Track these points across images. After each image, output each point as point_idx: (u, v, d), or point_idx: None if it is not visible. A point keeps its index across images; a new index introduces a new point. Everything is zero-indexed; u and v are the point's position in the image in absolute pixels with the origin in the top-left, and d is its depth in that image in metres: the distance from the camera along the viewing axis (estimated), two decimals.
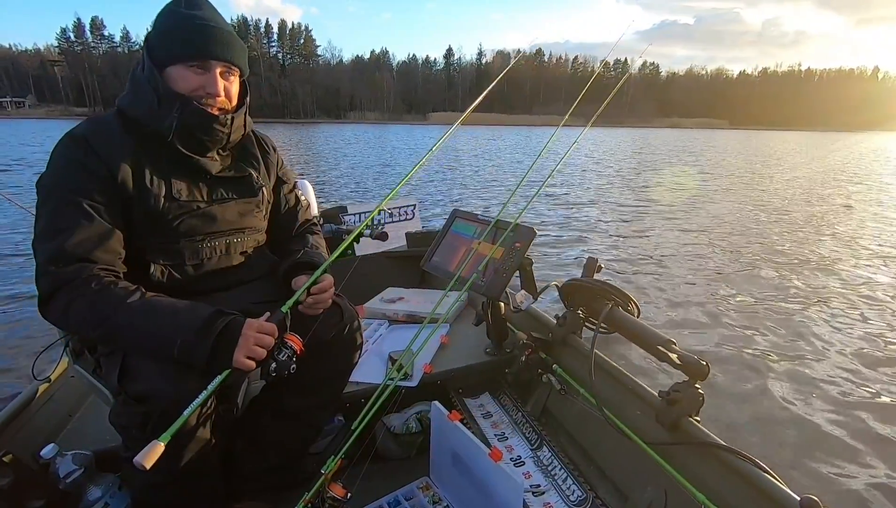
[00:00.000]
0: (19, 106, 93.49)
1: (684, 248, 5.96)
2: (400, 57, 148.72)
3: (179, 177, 1.07)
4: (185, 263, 1.09)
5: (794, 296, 4.31)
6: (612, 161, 18.66)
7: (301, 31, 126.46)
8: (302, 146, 25.16)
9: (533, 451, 1.44)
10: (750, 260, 5.43)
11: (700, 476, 1.07)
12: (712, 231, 6.88)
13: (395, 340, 1.93)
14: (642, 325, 1.31)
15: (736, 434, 2.34)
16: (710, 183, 12.67)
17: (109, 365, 1.00)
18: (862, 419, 2.51)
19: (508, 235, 1.61)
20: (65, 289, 0.92)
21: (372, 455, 1.28)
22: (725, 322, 3.70)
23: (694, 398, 1.15)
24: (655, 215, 8.10)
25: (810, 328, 3.62)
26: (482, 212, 1.73)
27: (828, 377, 2.92)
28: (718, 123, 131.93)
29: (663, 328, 3.55)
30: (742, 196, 10.39)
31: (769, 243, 6.25)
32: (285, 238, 1.33)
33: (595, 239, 6.40)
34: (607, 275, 4.55)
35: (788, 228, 7.22)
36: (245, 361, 0.91)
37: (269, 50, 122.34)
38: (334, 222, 2.57)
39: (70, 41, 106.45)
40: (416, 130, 56.49)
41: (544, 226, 7.04)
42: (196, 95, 1.02)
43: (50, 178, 0.98)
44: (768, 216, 8.11)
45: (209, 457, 1.05)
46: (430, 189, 10.58)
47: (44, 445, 1.12)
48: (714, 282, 4.67)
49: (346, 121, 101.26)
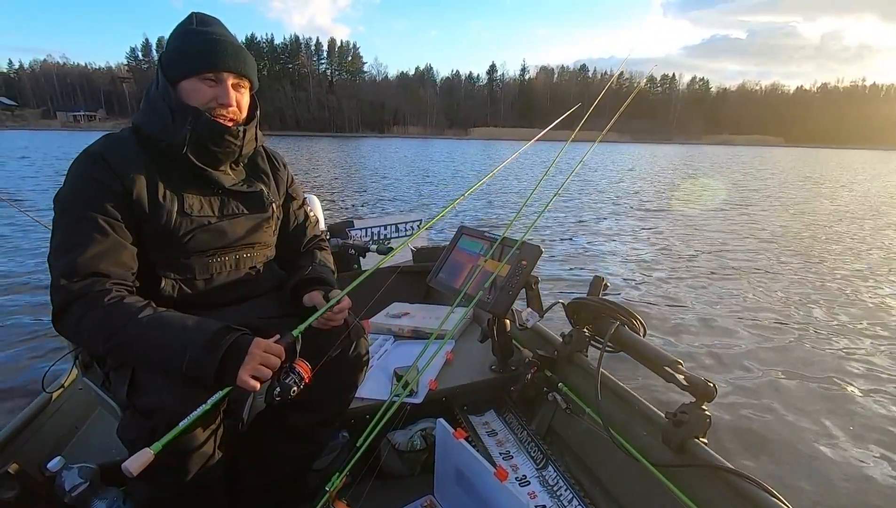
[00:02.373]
0: (91, 119, 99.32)
1: (694, 267, 5.93)
2: (443, 73, 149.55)
3: (192, 192, 1.09)
4: (195, 277, 1.11)
5: (812, 315, 4.26)
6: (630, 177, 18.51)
7: (349, 49, 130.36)
8: (347, 159, 25.86)
9: (538, 470, 1.43)
10: (762, 279, 5.39)
11: (707, 499, 1.06)
12: (722, 248, 6.84)
13: (401, 355, 1.93)
14: (648, 345, 1.31)
15: (743, 457, 2.30)
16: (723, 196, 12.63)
17: (118, 379, 1.01)
18: (874, 445, 2.46)
19: (514, 252, 1.62)
20: (77, 303, 0.93)
21: (376, 472, 1.28)
22: (736, 343, 3.66)
23: (701, 420, 1.14)
24: (671, 226, 8.08)
25: (825, 350, 3.57)
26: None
27: (843, 402, 2.87)
28: (772, 139, 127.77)
29: (670, 347, 3.52)
30: (760, 209, 10.35)
31: (784, 260, 6.21)
32: (294, 254, 1.34)
33: (603, 257, 6.39)
34: (613, 294, 4.54)
35: (812, 241, 7.15)
36: (248, 380, 0.91)
37: (318, 67, 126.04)
38: (341, 237, 2.60)
39: (138, 59, 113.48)
40: (457, 144, 56.83)
41: (551, 243, 7.03)
42: (209, 106, 1.05)
43: (67, 193, 1.01)
44: (790, 229, 8.06)
45: (213, 472, 1.04)
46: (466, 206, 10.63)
47: (50, 457, 1.13)
48: (725, 303, 4.63)
49: (389, 135, 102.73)
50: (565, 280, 5.26)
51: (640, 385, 2.65)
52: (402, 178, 16.51)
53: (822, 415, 2.70)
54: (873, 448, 2.43)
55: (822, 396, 2.91)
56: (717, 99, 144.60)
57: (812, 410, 2.75)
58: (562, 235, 7.66)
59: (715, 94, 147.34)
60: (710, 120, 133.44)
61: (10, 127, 75.25)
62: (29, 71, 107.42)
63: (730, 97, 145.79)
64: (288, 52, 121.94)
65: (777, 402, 2.81)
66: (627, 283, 5.18)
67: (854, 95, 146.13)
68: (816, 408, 2.77)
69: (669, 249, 6.80)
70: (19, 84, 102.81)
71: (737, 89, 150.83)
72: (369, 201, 11.34)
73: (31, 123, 79.56)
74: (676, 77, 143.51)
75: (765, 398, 2.86)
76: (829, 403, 2.84)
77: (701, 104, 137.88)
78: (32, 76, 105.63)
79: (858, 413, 2.73)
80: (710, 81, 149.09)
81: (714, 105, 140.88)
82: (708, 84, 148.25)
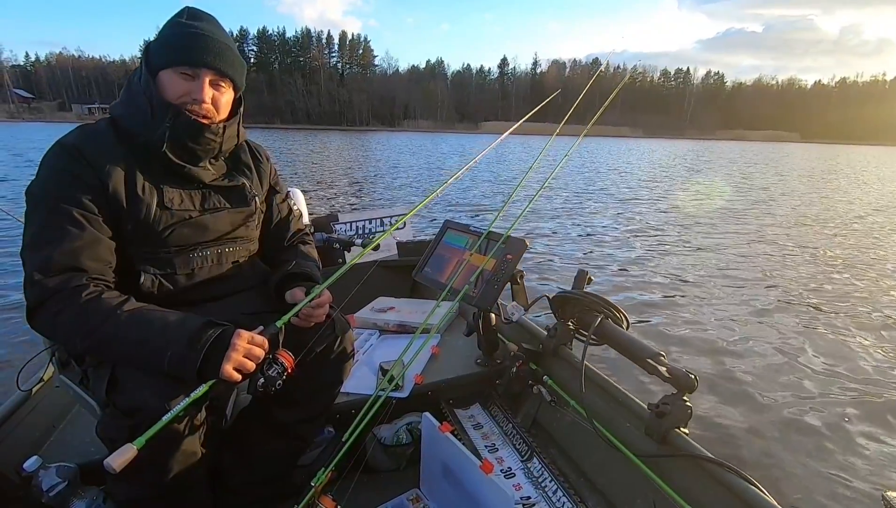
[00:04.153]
0: (105, 112, 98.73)
1: (679, 260, 6.03)
2: (454, 67, 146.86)
3: (172, 185, 1.07)
4: (176, 272, 1.09)
5: (792, 309, 4.37)
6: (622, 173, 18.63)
7: (360, 42, 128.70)
8: (357, 151, 25.81)
9: (523, 463, 1.44)
10: (746, 275, 5.50)
11: (688, 488, 1.08)
12: (706, 245, 6.96)
13: (386, 350, 1.93)
14: (632, 337, 1.32)
15: (724, 446, 2.36)
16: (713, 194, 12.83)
17: (97, 377, 0.99)
18: (850, 433, 2.54)
19: (500, 246, 1.62)
20: (53, 299, 0.91)
21: (362, 467, 1.27)
22: (716, 335, 3.74)
23: (682, 411, 1.17)
24: (659, 224, 8.19)
25: (805, 342, 3.66)
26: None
27: (819, 391, 2.95)
28: (788, 135, 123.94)
29: (653, 338, 3.58)
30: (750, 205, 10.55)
31: (768, 258, 6.34)
32: (277, 248, 1.33)
33: (588, 250, 6.45)
34: (597, 287, 4.59)
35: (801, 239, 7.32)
36: (232, 372, 0.90)
37: (329, 60, 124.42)
38: (325, 231, 2.58)
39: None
40: (467, 139, 56.29)
41: (539, 236, 7.07)
42: (182, 101, 1.02)
43: (39, 186, 0.97)
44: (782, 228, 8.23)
45: (196, 470, 1.03)
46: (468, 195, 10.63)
47: (27, 457, 1.09)
48: (707, 296, 4.72)
49: (399, 129, 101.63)
50: (552, 273, 5.31)
51: (623, 378, 2.69)
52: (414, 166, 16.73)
53: (800, 405, 2.78)
54: (850, 436, 2.51)
55: (803, 386, 2.99)
56: (732, 94, 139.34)
57: (790, 400, 2.83)
58: (548, 229, 7.71)
59: (730, 88, 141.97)
60: (724, 115, 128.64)
61: (28, 119, 75.02)
62: (45, 64, 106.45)
63: (745, 92, 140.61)
64: (299, 45, 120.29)
65: (756, 392, 2.88)
66: (611, 276, 5.24)
67: (874, 91, 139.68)
68: (794, 399, 2.85)
69: (655, 243, 6.89)
70: (36, 77, 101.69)
71: (752, 84, 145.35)
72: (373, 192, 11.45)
73: (48, 116, 79.34)
74: (690, 71, 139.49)
75: (745, 388, 2.93)
76: (808, 394, 2.92)
77: (716, 99, 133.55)
78: (48, 69, 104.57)
79: (834, 403, 2.82)
80: (724, 76, 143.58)
81: (729, 100, 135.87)
82: (723, 78, 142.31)
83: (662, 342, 3.57)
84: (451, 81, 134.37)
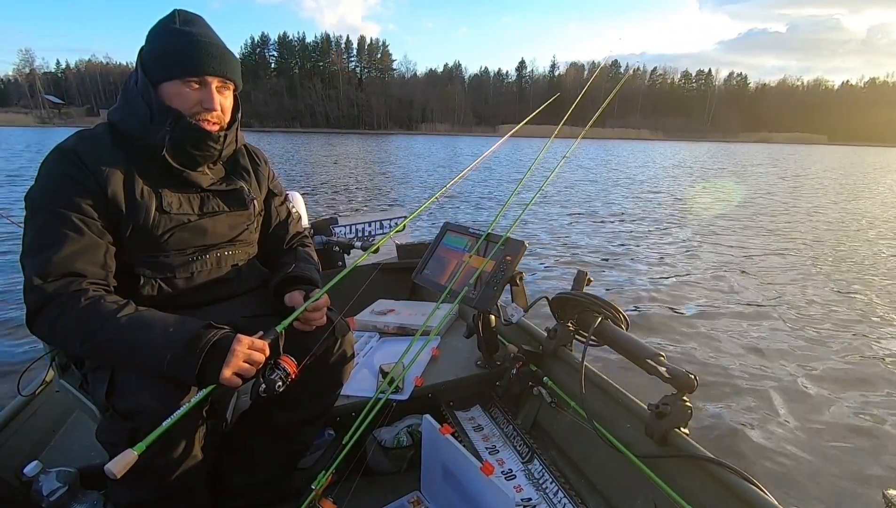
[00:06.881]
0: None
1: (677, 260, 6.03)
2: (472, 70, 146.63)
3: (170, 189, 1.07)
4: (175, 276, 1.09)
5: (793, 309, 4.37)
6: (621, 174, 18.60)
7: (378, 47, 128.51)
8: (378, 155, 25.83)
9: (524, 464, 1.44)
10: (746, 275, 5.50)
11: (689, 489, 1.08)
12: (703, 243, 6.97)
13: (386, 352, 1.93)
14: (631, 338, 1.32)
15: (724, 446, 2.36)
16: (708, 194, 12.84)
17: (97, 380, 0.99)
18: (850, 433, 2.54)
19: (499, 248, 1.62)
20: (52, 303, 0.91)
21: (362, 469, 1.27)
22: (716, 335, 3.74)
23: (682, 411, 1.17)
24: (657, 226, 8.20)
25: (804, 343, 3.66)
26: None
27: (819, 391, 2.95)
28: (815, 137, 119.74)
29: (653, 339, 3.58)
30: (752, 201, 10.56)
31: (772, 254, 6.34)
32: (276, 251, 1.33)
33: (588, 251, 6.45)
34: (596, 288, 4.59)
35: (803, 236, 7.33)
36: (231, 378, 0.90)
37: (347, 64, 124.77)
38: (325, 234, 2.58)
39: None
40: (485, 141, 56.18)
41: (538, 239, 7.08)
42: (193, 111, 1.03)
43: (38, 191, 0.98)
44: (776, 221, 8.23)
45: (196, 473, 1.03)
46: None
47: (27, 462, 1.09)
48: (707, 295, 4.72)
49: (417, 132, 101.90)
50: (550, 275, 5.31)
51: (623, 378, 2.69)
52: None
53: (800, 405, 2.78)
54: (847, 437, 2.50)
55: (801, 386, 2.99)
56: (756, 95, 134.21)
57: (790, 400, 2.82)
58: (547, 230, 7.71)
59: (753, 89, 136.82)
60: (747, 117, 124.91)
61: (58, 124, 76.62)
62: (75, 70, 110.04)
63: (769, 93, 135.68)
64: (319, 50, 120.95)
65: (756, 392, 2.87)
66: (610, 277, 5.24)
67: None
68: (795, 398, 2.84)
69: (653, 244, 6.89)
70: (66, 83, 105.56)
71: (777, 85, 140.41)
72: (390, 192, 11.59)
73: (77, 121, 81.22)
74: (712, 72, 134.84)
75: (745, 388, 2.92)
76: (808, 393, 2.91)
77: (738, 101, 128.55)
78: (78, 75, 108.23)
79: (834, 402, 2.81)
80: (748, 77, 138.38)
81: (752, 102, 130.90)
82: (746, 80, 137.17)
83: (662, 342, 3.57)
84: (469, 84, 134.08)
